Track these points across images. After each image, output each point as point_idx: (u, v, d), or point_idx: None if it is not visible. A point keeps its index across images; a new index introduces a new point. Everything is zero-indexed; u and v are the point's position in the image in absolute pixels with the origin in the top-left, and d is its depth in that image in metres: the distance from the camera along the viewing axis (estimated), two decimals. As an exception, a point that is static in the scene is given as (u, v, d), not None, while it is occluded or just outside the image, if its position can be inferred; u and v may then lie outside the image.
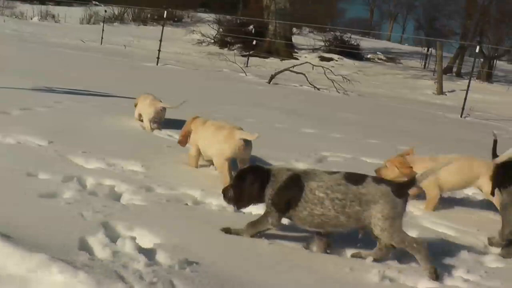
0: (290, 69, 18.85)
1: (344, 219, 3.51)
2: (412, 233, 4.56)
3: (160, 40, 19.82)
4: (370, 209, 3.46)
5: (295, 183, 3.56)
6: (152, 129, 7.16)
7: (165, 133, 7.07)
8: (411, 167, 5.35)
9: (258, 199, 3.71)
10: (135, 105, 7.67)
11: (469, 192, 6.58)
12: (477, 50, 18.25)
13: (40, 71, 12.21)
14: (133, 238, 3.15)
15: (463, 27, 38.52)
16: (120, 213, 3.67)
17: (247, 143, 5.10)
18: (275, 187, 3.60)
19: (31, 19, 38.98)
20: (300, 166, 6.16)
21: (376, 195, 3.47)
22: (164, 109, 7.28)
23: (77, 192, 4.05)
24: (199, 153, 5.50)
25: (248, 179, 3.66)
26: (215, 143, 5.14)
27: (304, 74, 18.80)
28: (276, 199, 3.59)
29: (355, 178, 3.58)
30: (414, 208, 5.41)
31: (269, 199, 3.62)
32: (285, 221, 3.78)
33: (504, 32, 34.91)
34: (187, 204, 4.27)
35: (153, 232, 3.37)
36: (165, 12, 20.24)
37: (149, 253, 3.03)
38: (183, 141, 5.65)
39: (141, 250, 3.04)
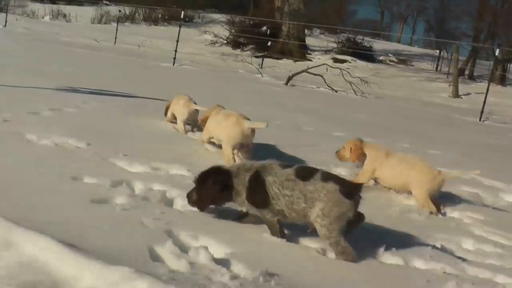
0: (308, 71, 18.68)
1: (294, 215, 3.49)
2: (468, 243, 4.44)
3: (177, 41, 19.71)
4: (315, 206, 3.38)
5: (259, 181, 3.55)
6: (186, 131, 7.04)
7: (199, 135, 6.94)
8: (363, 153, 5.59)
9: (221, 200, 3.74)
10: (168, 107, 7.54)
11: (510, 198, 6.45)
12: (496, 53, 18.05)
13: (60, 71, 12.12)
14: (205, 248, 2.99)
15: (475, 29, 38.23)
16: (179, 221, 3.52)
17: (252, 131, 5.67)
18: (244, 190, 3.60)
19: (43, 18, 39.00)
20: (340, 171, 6.05)
21: (321, 193, 3.38)
22: (196, 111, 7.16)
23: (129, 197, 3.91)
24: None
25: (209, 182, 3.67)
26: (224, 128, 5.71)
27: (321, 76, 18.66)
28: (252, 201, 3.60)
29: (304, 174, 3.51)
30: (462, 215, 5.28)
31: (249, 204, 3.63)
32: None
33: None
34: (243, 211, 4.13)
35: (220, 241, 3.22)
36: (182, 12, 20.14)
37: (226, 264, 2.89)
38: (202, 124, 6.42)
39: (216, 261, 2.90)
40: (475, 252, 4.21)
